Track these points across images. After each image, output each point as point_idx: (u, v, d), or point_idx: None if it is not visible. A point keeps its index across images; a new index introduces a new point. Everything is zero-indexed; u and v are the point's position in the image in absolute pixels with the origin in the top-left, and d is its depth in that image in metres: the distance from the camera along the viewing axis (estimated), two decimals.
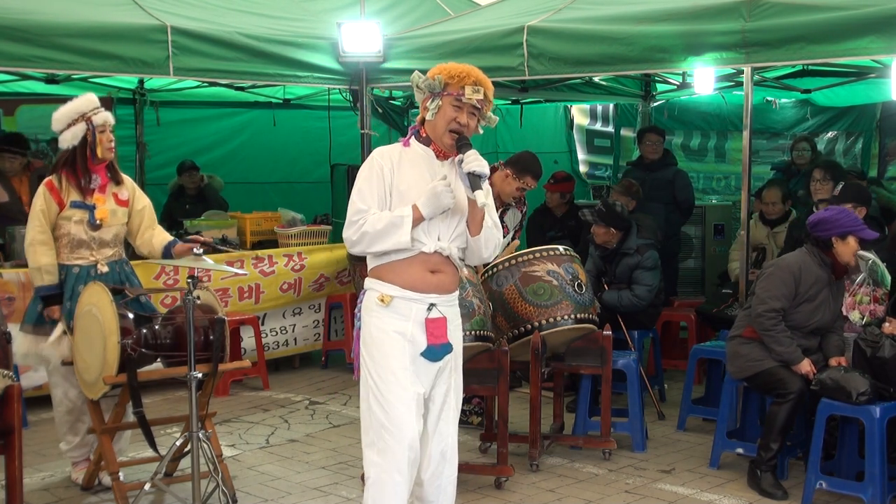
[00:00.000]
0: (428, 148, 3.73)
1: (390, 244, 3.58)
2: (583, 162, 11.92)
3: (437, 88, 3.67)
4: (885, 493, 4.70)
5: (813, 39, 5.43)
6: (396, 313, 3.65)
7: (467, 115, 3.67)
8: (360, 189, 3.67)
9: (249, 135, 10.21)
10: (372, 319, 3.69)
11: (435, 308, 3.67)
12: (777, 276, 5.07)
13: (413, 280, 3.64)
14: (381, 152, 3.73)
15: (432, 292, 3.66)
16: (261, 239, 8.07)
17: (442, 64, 3.76)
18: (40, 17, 6.06)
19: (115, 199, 5.03)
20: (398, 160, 3.69)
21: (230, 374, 7.06)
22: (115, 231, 5.04)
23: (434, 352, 3.67)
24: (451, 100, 3.65)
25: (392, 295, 3.64)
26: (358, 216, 3.62)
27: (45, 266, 4.90)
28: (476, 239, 3.72)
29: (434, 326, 3.65)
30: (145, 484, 4.57)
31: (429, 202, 3.58)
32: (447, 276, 3.71)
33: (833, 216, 5.06)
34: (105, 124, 4.94)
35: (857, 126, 10.84)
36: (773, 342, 5.01)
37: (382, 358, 3.64)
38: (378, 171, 3.66)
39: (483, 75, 3.70)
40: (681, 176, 8.29)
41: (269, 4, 7.92)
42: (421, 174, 3.68)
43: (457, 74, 3.64)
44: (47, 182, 4.96)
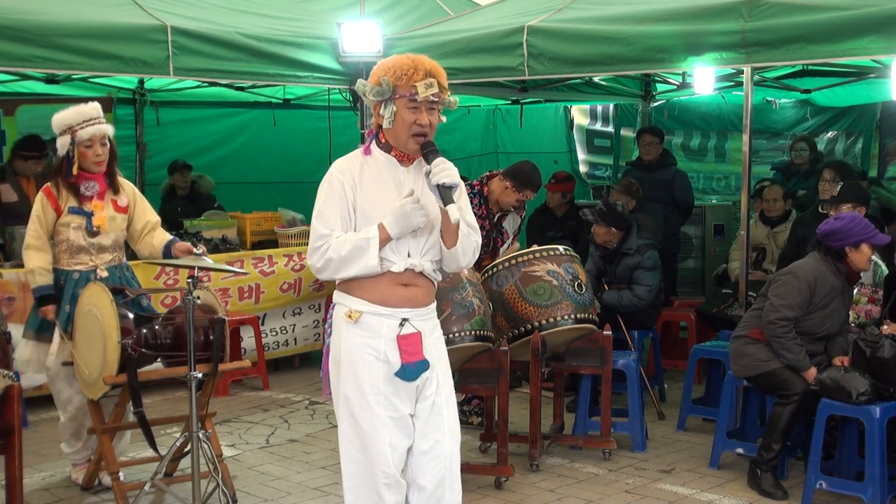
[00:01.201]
0: (389, 155, 3.43)
1: (357, 269, 3.31)
2: (583, 162, 11.93)
3: (387, 93, 3.33)
4: (885, 493, 4.70)
5: (813, 39, 5.42)
6: (366, 330, 3.37)
7: (426, 113, 3.35)
8: (321, 212, 3.38)
9: (249, 135, 10.21)
10: (341, 337, 3.41)
11: (408, 323, 3.39)
12: (793, 286, 5.03)
13: (383, 294, 3.37)
14: (341, 167, 3.44)
15: (404, 306, 3.39)
16: (261, 239, 8.07)
17: (383, 62, 3.42)
18: (40, 17, 6.05)
19: (113, 205, 5.02)
20: (359, 173, 3.40)
21: (230, 374, 7.06)
22: (114, 237, 5.04)
23: (409, 371, 3.38)
24: (404, 102, 3.33)
25: (361, 310, 3.37)
26: (321, 241, 3.34)
27: (37, 268, 4.91)
28: (452, 250, 3.43)
29: (407, 343, 3.38)
30: (145, 484, 4.57)
31: (396, 222, 3.31)
32: (421, 289, 3.44)
33: (844, 226, 5.01)
34: (92, 139, 4.89)
35: (857, 126, 10.85)
36: (783, 349, 5.00)
37: (353, 379, 3.37)
38: (339, 189, 3.38)
39: (430, 62, 3.37)
40: (680, 176, 8.29)
41: (269, 4, 7.92)
42: (385, 187, 3.39)
43: (403, 73, 3.31)
44: (45, 188, 4.98)
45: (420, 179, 3.42)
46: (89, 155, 4.91)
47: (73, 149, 4.89)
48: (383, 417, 3.36)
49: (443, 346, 3.57)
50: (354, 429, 3.39)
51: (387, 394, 3.37)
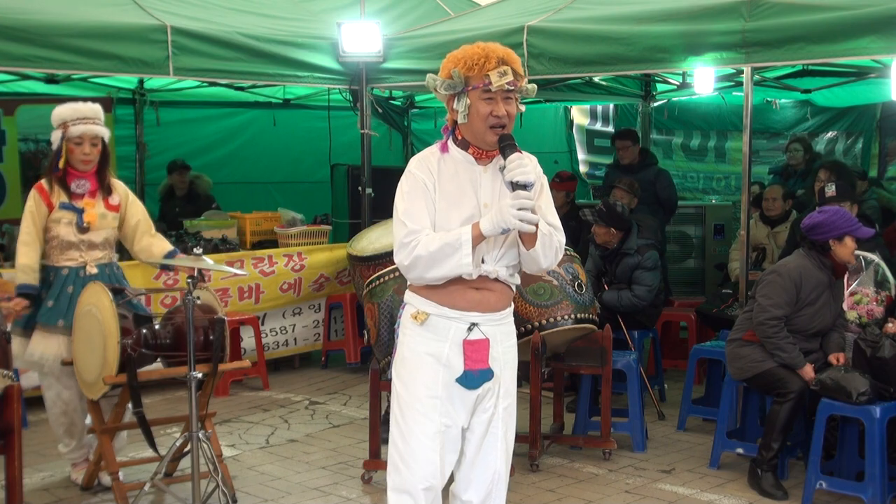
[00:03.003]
0: (467, 153, 3.24)
1: (449, 268, 3.12)
2: (583, 162, 11.93)
3: (459, 86, 3.17)
4: (885, 493, 4.70)
5: (813, 39, 5.43)
6: (432, 333, 3.22)
7: (503, 103, 3.17)
8: (407, 209, 3.19)
9: (249, 135, 10.20)
10: (406, 339, 3.28)
11: (476, 328, 3.22)
12: (778, 284, 5.06)
13: (452, 296, 3.20)
14: (420, 164, 3.25)
15: (474, 310, 3.21)
16: (261, 239, 8.07)
17: (453, 53, 3.23)
18: (40, 17, 6.06)
19: (104, 203, 5.03)
20: (437, 171, 3.22)
21: (230, 374, 7.06)
22: (104, 234, 5.04)
23: (471, 378, 3.22)
24: (478, 94, 3.15)
25: (428, 312, 3.22)
26: (410, 237, 3.14)
27: (22, 266, 4.93)
28: (532, 251, 3.21)
29: (473, 349, 3.21)
30: (145, 484, 4.57)
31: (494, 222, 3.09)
32: (494, 293, 3.25)
33: (827, 219, 5.04)
34: (82, 136, 4.90)
35: (857, 126, 10.86)
36: (776, 349, 5.01)
37: (411, 383, 3.24)
38: (422, 186, 3.20)
39: (503, 48, 3.20)
40: (662, 175, 8.28)
41: (269, 4, 7.92)
42: (461, 188, 3.22)
43: (475, 62, 3.14)
44: (38, 185, 5.00)
45: (498, 179, 3.23)
46: (77, 152, 4.92)
47: (62, 144, 4.92)
48: (437, 424, 3.22)
49: (513, 356, 3.37)
50: (406, 431, 3.24)
51: (443, 399, 3.22)
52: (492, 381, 3.26)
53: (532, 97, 3.25)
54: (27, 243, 4.93)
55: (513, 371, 3.36)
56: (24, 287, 4.92)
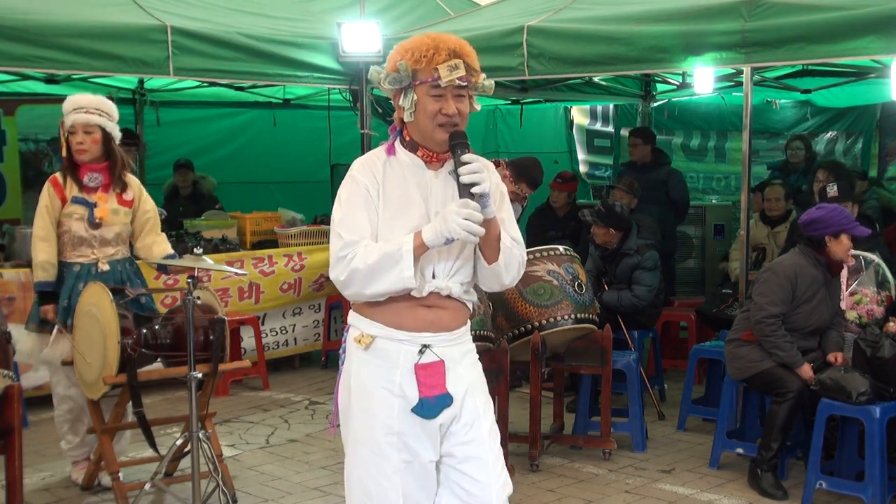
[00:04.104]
0: (415, 155, 2.91)
1: (389, 283, 2.78)
2: (583, 162, 11.93)
3: (406, 80, 2.83)
4: (885, 493, 4.70)
5: (813, 39, 5.42)
6: (380, 359, 2.87)
7: (453, 100, 2.83)
8: (344, 218, 2.85)
9: (249, 135, 10.21)
10: (351, 367, 2.93)
11: (429, 350, 2.87)
12: (773, 282, 5.07)
13: (400, 316, 2.86)
14: (362, 168, 2.91)
15: (425, 331, 2.86)
16: (261, 239, 8.08)
17: (401, 44, 2.90)
18: (40, 17, 6.06)
19: (117, 198, 5.02)
20: (382, 176, 2.89)
21: (230, 374, 7.06)
22: (116, 230, 5.02)
23: (428, 406, 2.85)
24: (426, 89, 2.82)
25: (373, 335, 2.88)
26: (346, 250, 2.80)
27: (41, 263, 4.91)
28: (494, 266, 2.90)
29: (427, 374, 2.85)
30: (145, 484, 4.58)
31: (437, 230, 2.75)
32: (447, 311, 2.91)
33: (824, 215, 5.06)
34: (74, 126, 4.90)
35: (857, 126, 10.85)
36: (774, 347, 5.01)
37: (361, 420, 2.89)
38: (363, 192, 2.86)
39: (455, 39, 2.85)
40: (675, 175, 8.31)
41: (269, 4, 7.92)
42: (408, 194, 2.88)
43: (423, 54, 2.80)
44: (52, 178, 4.99)
45: (450, 185, 2.90)
46: (72, 142, 4.92)
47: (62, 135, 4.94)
48: (396, 462, 2.85)
49: (479, 374, 3.02)
50: (362, 473, 2.89)
51: (402, 434, 2.86)
52: (452, 406, 2.89)
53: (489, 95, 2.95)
54: (44, 238, 4.92)
55: (481, 392, 3.00)
56: (43, 285, 4.91)
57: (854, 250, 5.28)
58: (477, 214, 2.72)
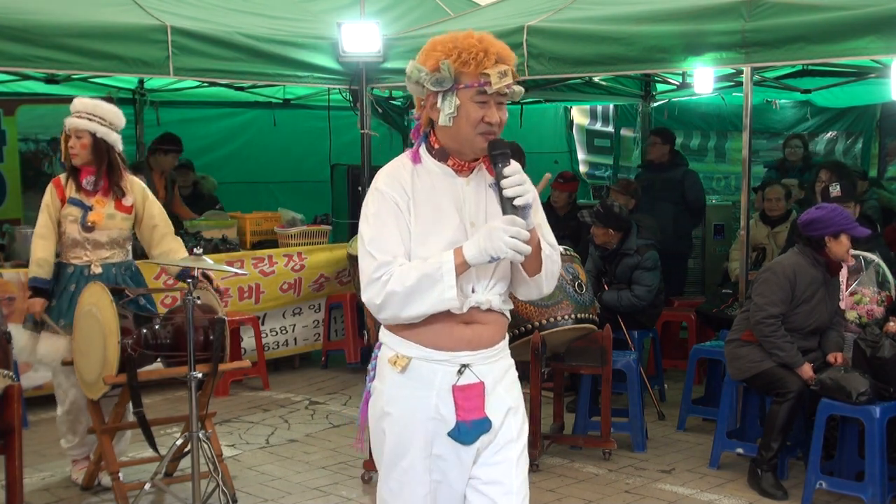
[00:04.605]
0: (445, 165, 2.70)
1: (428, 306, 2.60)
2: (583, 162, 11.94)
3: (448, 82, 2.61)
4: (885, 493, 4.70)
5: (813, 39, 5.43)
6: (415, 381, 2.70)
7: (496, 107, 2.64)
8: (374, 237, 2.63)
9: (249, 135, 10.21)
10: (383, 388, 2.75)
11: (468, 370, 2.70)
12: (773, 282, 5.07)
13: (437, 335, 2.68)
14: (390, 180, 2.68)
15: (464, 349, 2.69)
16: (261, 239, 8.07)
17: (440, 39, 2.67)
18: (40, 17, 6.06)
19: (116, 203, 5.02)
20: (411, 188, 2.67)
21: (230, 374, 7.06)
22: (111, 235, 5.03)
23: (465, 431, 2.69)
24: (471, 94, 2.61)
25: (409, 356, 2.70)
26: (381, 272, 2.60)
27: (38, 259, 4.95)
28: (536, 277, 2.75)
29: (465, 397, 2.68)
30: (145, 484, 4.58)
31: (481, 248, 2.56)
32: (488, 326, 2.74)
33: (824, 215, 5.06)
34: (70, 129, 4.92)
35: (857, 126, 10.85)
36: (774, 348, 5.01)
37: (394, 443, 2.73)
38: (392, 207, 2.65)
39: (500, 43, 2.66)
40: (690, 176, 8.31)
41: (269, 4, 7.92)
42: (441, 206, 2.67)
43: (472, 56, 2.58)
44: (56, 178, 5.05)
45: (483, 192, 2.72)
46: (67, 146, 4.95)
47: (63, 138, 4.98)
48: (427, 483, 2.72)
49: (518, 393, 2.84)
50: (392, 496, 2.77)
51: (435, 457, 2.71)
52: (490, 433, 2.73)
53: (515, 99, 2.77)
54: (43, 236, 4.95)
55: (519, 413, 2.82)
56: (37, 281, 4.94)
57: (854, 250, 5.28)
58: (524, 232, 2.54)
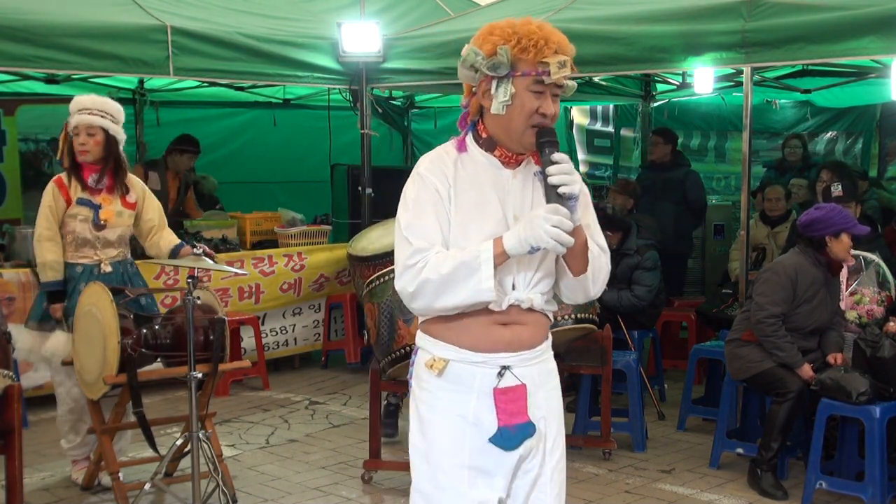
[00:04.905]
0: (491, 155, 2.58)
1: (465, 295, 2.46)
2: (583, 162, 11.92)
3: (505, 68, 2.50)
4: (885, 493, 4.70)
5: (813, 39, 5.43)
6: (453, 383, 2.57)
7: (552, 99, 2.54)
8: (411, 222, 2.52)
9: (249, 135, 10.21)
10: (421, 393, 2.63)
11: (508, 372, 2.57)
12: (774, 281, 5.07)
13: (474, 335, 2.56)
14: (432, 166, 2.58)
15: (504, 350, 2.56)
16: (261, 239, 8.07)
17: (497, 24, 2.57)
18: (40, 17, 6.06)
19: (122, 200, 5.03)
20: (454, 176, 2.56)
21: (230, 374, 7.06)
22: (119, 232, 5.04)
23: (508, 436, 2.55)
24: (527, 83, 2.50)
25: (446, 358, 2.57)
26: (416, 258, 2.48)
27: (51, 262, 4.92)
28: (581, 277, 2.60)
29: (507, 399, 2.55)
30: (145, 484, 4.58)
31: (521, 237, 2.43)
32: (528, 327, 2.61)
33: (825, 215, 5.06)
34: (77, 127, 4.90)
35: (857, 126, 10.85)
36: (774, 348, 5.01)
37: (433, 450, 2.58)
38: (433, 194, 2.53)
39: (559, 32, 2.58)
40: (692, 176, 8.32)
41: (269, 4, 7.93)
42: (484, 196, 2.56)
43: (532, 44, 2.49)
44: (57, 178, 5.00)
45: (530, 186, 2.60)
46: (75, 143, 4.93)
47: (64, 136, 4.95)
48: (470, 500, 2.56)
49: (558, 399, 2.72)
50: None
51: (476, 468, 2.57)
52: (534, 437, 2.61)
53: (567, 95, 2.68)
54: (50, 238, 4.92)
55: (559, 419, 2.72)
56: (52, 284, 4.93)
57: (854, 250, 5.29)
58: (567, 222, 2.41)
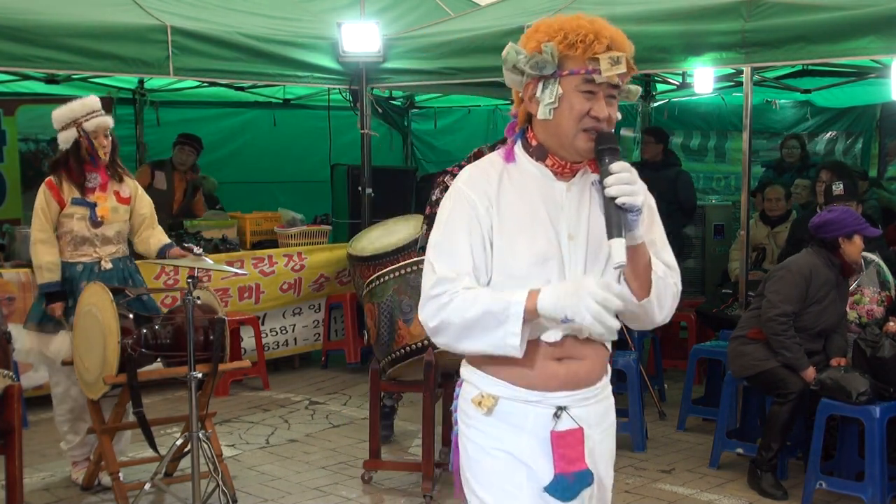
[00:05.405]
0: (542, 165, 2.33)
1: (486, 345, 2.25)
2: None
3: (551, 66, 2.25)
4: (885, 493, 4.70)
5: (813, 39, 5.43)
6: (504, 422, 2.33)
7: (605, 100, 2.29)
8: (440, 244, 2.29)
9: (249, 135, 10.21)
10: (469, 431, 2.38)
11: (565, 413, 2.34)
12: (788, 280, 5.05)
13: (528, 371, 2.31)
14: (472, 179, 2.32)
15: (560, 389, 2.31)
16: (261, 239, 8.07)
17: (544, 21, 2.32)
18: (40, 17, 6.06)
19: (116, 196, 5.05)
20: (497, 191, 2.30)
21: (230, 374, 7.06)
22: (117, 228, 5.05)
23: (565, 485, 2.32)
24: (576, 82, 2.25)
25: (496, 395, 2.33)
26: (440, 288, 2.25)
27: (46, 264, 4.93)
28: (645, 302, 2.37)
29: (564, 444, 2.32)
30: (145, 484, 4.58)
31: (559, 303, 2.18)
32: (585, 362, 2.38)
33: (837, 217, 5.06)
34: (97, 129, 4.93)
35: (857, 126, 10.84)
36: (782, 347, 5.00)
37: (484, 492, 2.36)
38: (469, 213, 2.29)
39: (613, 28, 2.30)
40: (683, 176, 8.32)
41: (269, 4, 7.93)
42: (534, 212, 2.30)
43: (580, 39, 2.21)
44: (48, 181, 5.01)
45: (587, 201, 2.34)
46: (97, 146, 4.95)
47: (86, 138, 4.92)
48: None
49: (612, 436, 2.56)
50: None
51: None
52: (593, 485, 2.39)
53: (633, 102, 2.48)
54: (45, 241, 4.94)
55: (610, 460, 2.53)
56: (50, 286, 4.93)
57: None
58: (615, 301, 2.19)
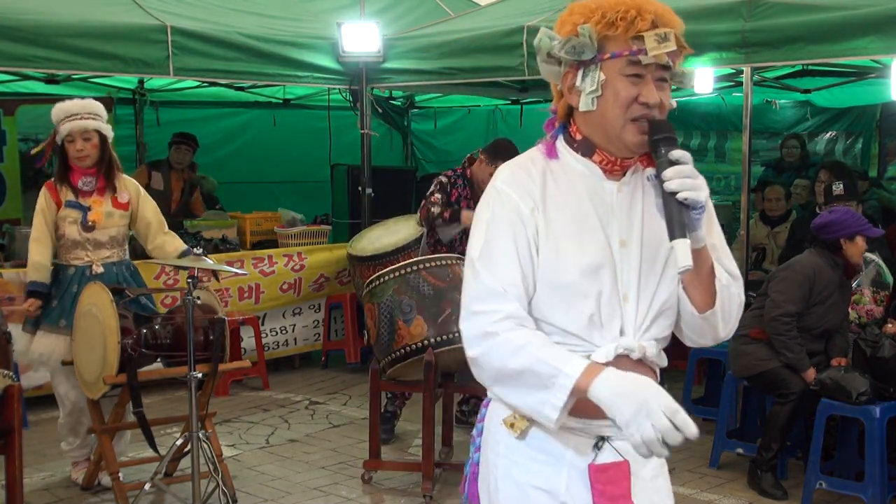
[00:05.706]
0: (590, 161, 2.06)
1: (521, 403, 1.98)
2: None
3: (589, 51, 1.97)
4: (885, 493, 4.70)
5: (813, 39, 5.43)
6: (539, 451, 2.06)
7: (655, 84, 1.98)
8: (484, 250, 2.02)
9: (249, 135, 10.21)
10: (498, 459, 2.10)
11: (608, 444, 2.06)
12: (792, 280, 5.05)
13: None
14: (513, 178, 2.07)
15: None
16: (261, 239, 8.08)
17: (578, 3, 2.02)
18: (40, 17, 6.07)
19: (113, 201, 5.03)
20: (542, 191, 2.04)
21: (230, 374, 7.06)
22: (111, 233, 5.03)
23: None
24: (619, 65, 1.96)
25: (530, 419, 2.04)
26: (486, 306, 1.98)
27: (34, 263, 4.96)
28: (709, 314, 2.05)
29: (606, 480, 2.03)
30: (145, 484, 4.58)
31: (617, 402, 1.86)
32: None
33: (839, 218, 5.05)
34: (71, 133, 4.89)
35: (857, 126, 10.84)
36: (784, 347, 5.00)
37: None
38: (513, 218, 2.02)
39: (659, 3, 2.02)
40: None
41: (269, 4, 7.93)
42: (582, 215, 2.03)
43: (619, 16, 1.95)
44: (48, 183, 5.03)
45: (640, 201, 2.08)
46: (70, 150, 4.94)
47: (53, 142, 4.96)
48: None
49: (666, 475, 2.17)
50: None
51: None
52: None
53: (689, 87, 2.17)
54: (38, 240, 4.95)
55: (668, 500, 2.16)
56: (35, 285, 4.94)
57: None
58: (676, 434, 1.82)
